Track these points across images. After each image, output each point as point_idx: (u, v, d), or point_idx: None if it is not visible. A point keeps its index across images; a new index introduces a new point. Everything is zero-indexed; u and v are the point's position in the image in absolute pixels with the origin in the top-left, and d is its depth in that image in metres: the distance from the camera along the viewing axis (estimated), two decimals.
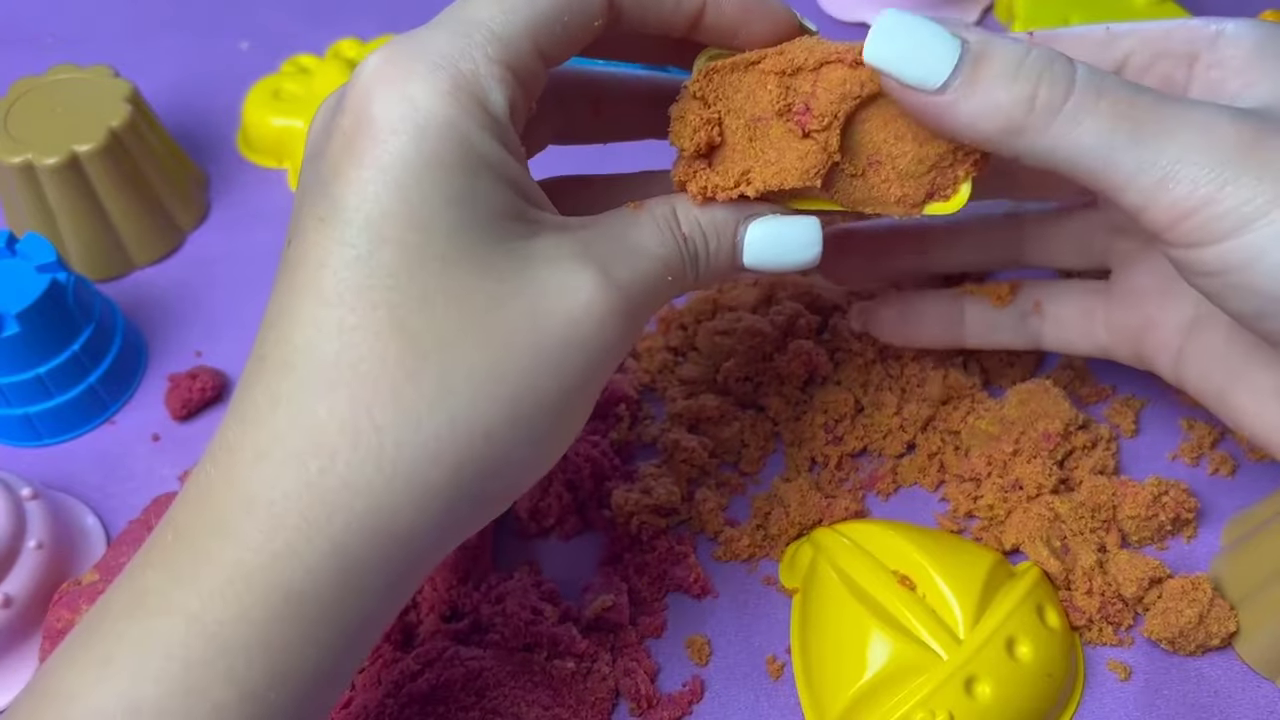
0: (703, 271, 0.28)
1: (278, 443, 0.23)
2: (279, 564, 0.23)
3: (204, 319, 0.47)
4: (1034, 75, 0.25)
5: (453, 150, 0.23)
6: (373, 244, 0.23)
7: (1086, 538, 0.36)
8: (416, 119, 0.23)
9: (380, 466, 0.23)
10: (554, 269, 0.25)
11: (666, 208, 0.28)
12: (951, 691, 0.31)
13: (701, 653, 0.36)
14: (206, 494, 0.24)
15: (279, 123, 0.52)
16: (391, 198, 0.23)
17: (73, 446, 0.43)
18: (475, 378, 0.24)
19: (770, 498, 0.39)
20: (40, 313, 0.39)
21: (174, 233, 0.49)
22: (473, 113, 0.24)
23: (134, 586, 0.23)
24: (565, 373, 0.25)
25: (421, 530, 0.24)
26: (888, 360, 0.41)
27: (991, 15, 0.58)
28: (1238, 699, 0.34)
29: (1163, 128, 0.24)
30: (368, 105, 0.24)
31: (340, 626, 0.24)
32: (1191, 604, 0.34)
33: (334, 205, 0.24)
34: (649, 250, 0.27)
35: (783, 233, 0.28)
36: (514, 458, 0.25)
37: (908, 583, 0.34)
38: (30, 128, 0.45)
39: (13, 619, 0.35)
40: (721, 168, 0.28)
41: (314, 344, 0.23)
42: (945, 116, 0.25)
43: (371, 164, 0.23)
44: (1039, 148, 0.25)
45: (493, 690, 0.33)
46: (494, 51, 0.24)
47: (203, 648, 0.22)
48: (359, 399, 0.23)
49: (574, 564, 0.38)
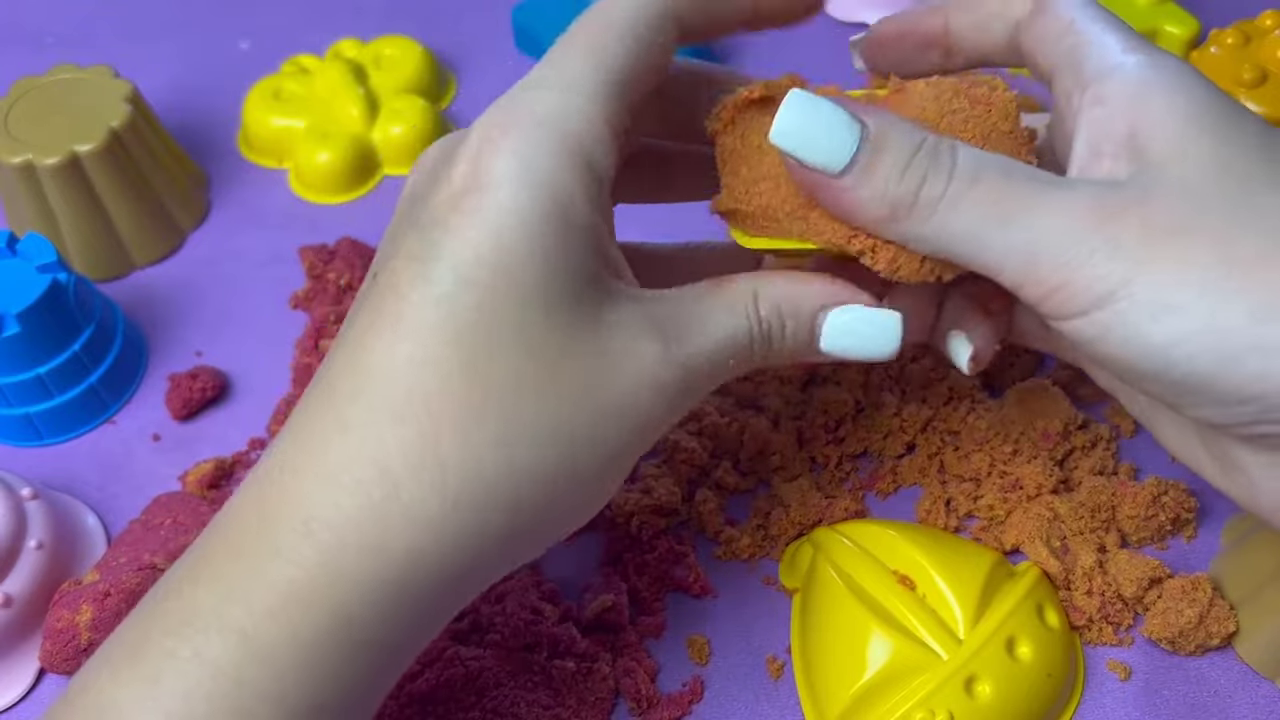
0: (775, 351, 0.28)
1: (343, 468, 0.23)
2: (333, 588, 0.23)
3: (204, 319, 0.47)
4: (921, 169, 0.25)
5: (554, 209, 0.24)
6: (458, 284, 0.24)
7: (1086, 538, 0.36)
8: (526, 176, 0.24)
9: (443, 500, 0.23)
10: (623, 336, 0.25)
11: (748, 288, 0.28)
12: (951, 691, 0.31)
13: (701, 653, 0.36)
14: (261, 513, 0.24)
15: (279, 123, 0.52)
16: (485, 244, 0.24)
17: (73, 446, 0.43)
18: (537, 426, 0.24)
19: (770, 498, 0.39)
20: (41, 313, 0.39)
21: (174, 233, 0.49)
22: (579, 174, 0.25)
23: (183, 603, 0.24)
24: (619, 434, 0.25)
25: (472, 565, 0.25)
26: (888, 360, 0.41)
27: None
28: (1238, 699, 0.34)
29: (1027, 210, 0.25)
30: (480, 159, 0.24)
31: (385, 651, 0.24)
32: (1191, 604, 0.34)
33: (428, 245, 0.24)
34: (721, 331, 0.27)
35: (866, 322, 0.28)
36: (563, 505, 0.26)
37: (908, 583, 0.34)
38: (31, 128, 0.45)
39: (13, 619, 0.35)
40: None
41: (386, 374, 0.24)
42: (839, 200, 0.26)
43: (473, 211, 0.24)
44: (918, 235, 0.26)
45: (493, 690, 0.33)
46: (596, 111, 0.25)
47: (254, 668, 0.22)
48: (427, 433, 0.23)
49: (574, 564, 0.38)
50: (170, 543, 0.36)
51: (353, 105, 0.51)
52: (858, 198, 0.26)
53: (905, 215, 0.26)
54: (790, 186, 0.27)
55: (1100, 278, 0.24)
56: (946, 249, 0.26)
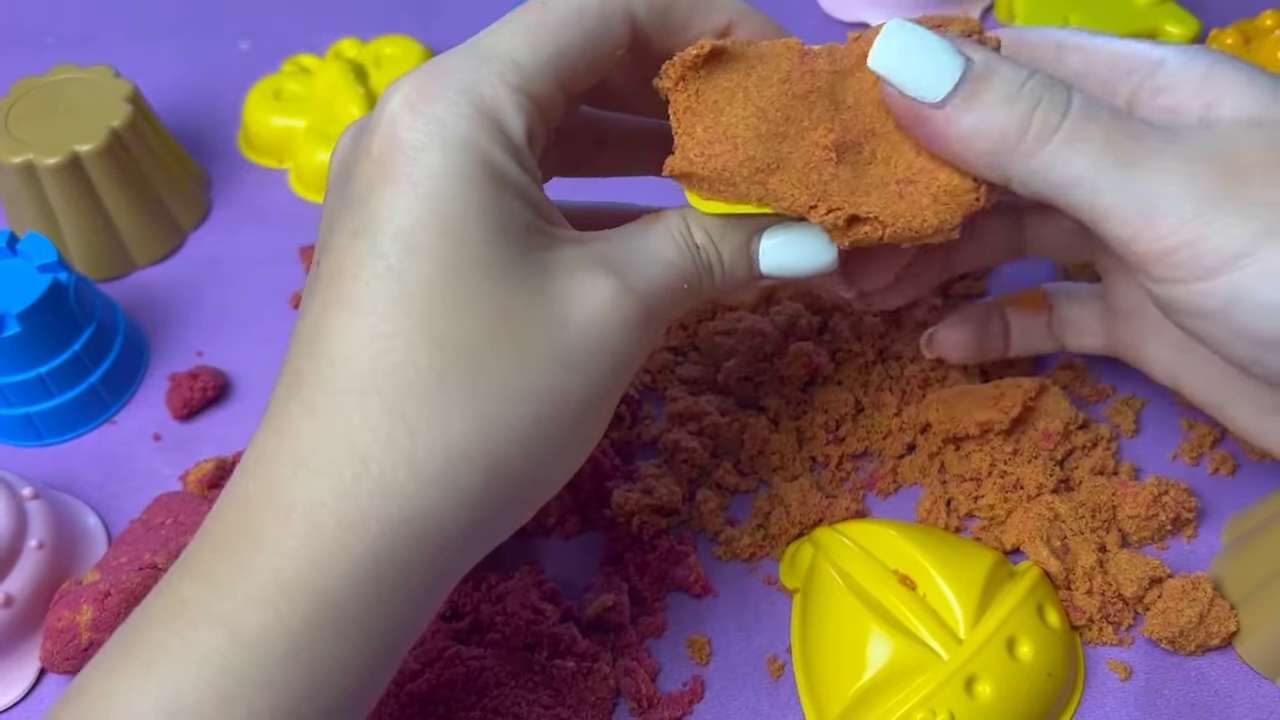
0: (720, 280, 0.29)
1: (313, 452, 0.24)
2: (316, 573, 0.23)
3: (205, 319, 0.47)
4: (1033, 99, 0.25)
5: (478, 167, 0.24)
6: (404, 253, 0.24)
7: (1086, 537, 0.36)
8: (444, 137, 0.24)
9: (413, 470, 0.23)
10: (576, 277, 0.25)
11: (679, 218, 0.28)
12: (952, 691, 0.31)
13: (702, 653, 0.36)
14: (243, 506, 0.24)
15: (280, 122, 0.52)
16: (423, 209, 0.24)
17: (74, 446, 0.43)
18: (503, 380, 0.24)
19: (770, 498, 0.39)
20: (41, 313, 0.39)
21: (175, 232, 0.49)
22: (493, 135, 0.25)
23: (173, 598, 0.24)
24: (589, 376, 0.25)
25: (456, 534, 0.24)
26: (888, 361, 0.41)
27: (991, 15, 0.58)
28: (1238, 699, 0.34)
29: (1151, 155, 0.24)
30: (395, 128, 0.25)
31: (375, 636, 0.24)
32: (1191, 604, 0.34)
33: (367, 219, 0.24)
34: (664, 258, 0.27)
35: (796, 239, 0.29)
36: (543, 460, 0.26)
37: (908, 582, 0.34)
38: (31, 128, 0.45)
39: (13, 619, 0.35)
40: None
41: (347, 353, 0.24)
42: (940, 131, 0.25)
43: (403, 179, 0.24)
44: (1027, 171, 0.25)
45: (493, 690, 0.33)
46: (513, 79, 0.25)
47: (240, 656, 0.23)
48: (392, 405, 0.23)
49: (575, 564, 0.38)
50: (171, 542, 0.36)
51: (353, 105, 0.51)
52: (962, 128, 0.25)
53: (1013, 147, 0.25)
54: (749, 149, 0.27)
55: (1232, 238, 0.23)
56: (1056, 189, 0.25)
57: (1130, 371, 0.37)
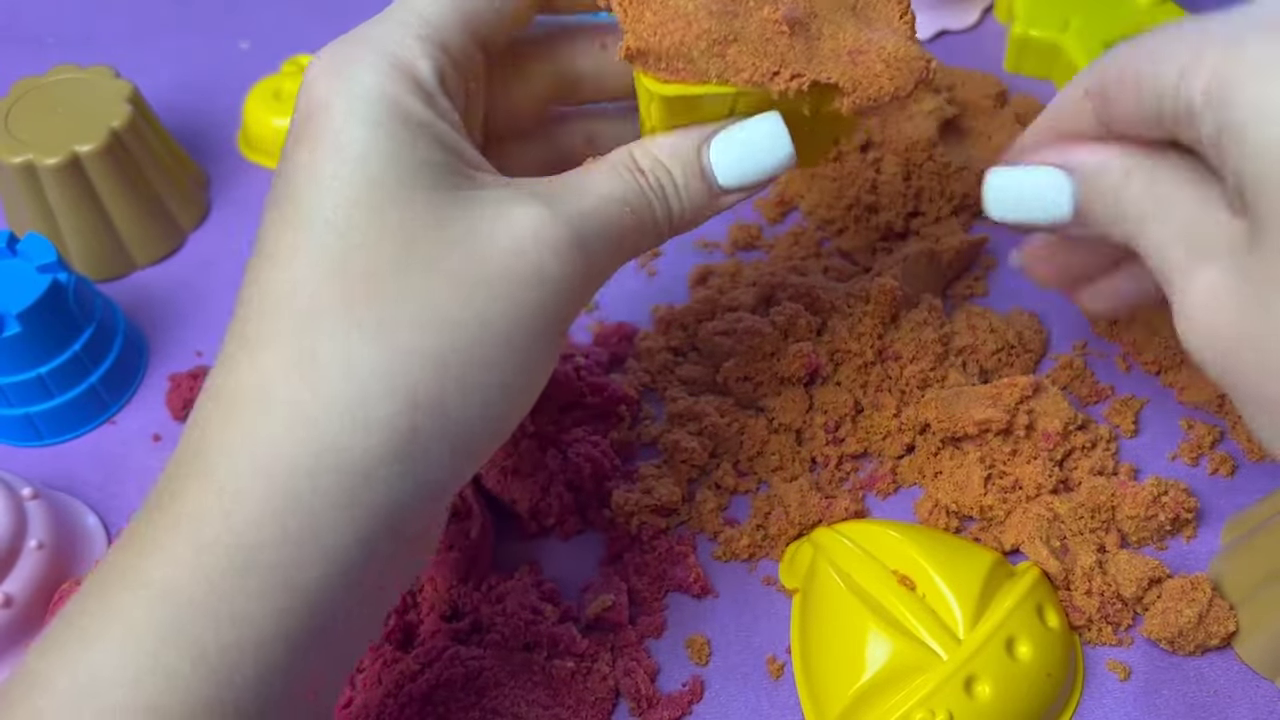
0: (678, 207, 0.29)
1: (232, 404, 0.24)
2: (231, 520, 0.23)
3: (205, 319, 0.47)
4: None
5: (388, 113, 0.25)
6: (314, 201, 0.25)
7: (1086, 538, 0.36)
8: (352, 89, 0.25)
9: (318, 396, 0.24)
10: (499, 208, 0.26)
11: (622, 151, 0.29)
12: (951, 691, 0.32)
13: (701, 653, 0.36)
14: (173, 471, 0.25)
15: (280, 123, 0.52)
16: (335, 158, 0.25)
17: (73, 446, 0.43)
18: (417, 308, 0.24)
19: (770, 498, 0.39)
20: (41, 313, 0.39)
21: (175, 233, 0.49)
22: (403, 83, 0.26)
23: (106, 566, 0.24)
24: (514, 302, 0.25)
25: (370, 463, 0.24)
26: (887, 361, 0.41)
27: (991, 15, 0.58)
28: (1237, 699, 0.34)
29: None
30: (313, 91, 0.26)
31: (301, 584, 0.23)
32: (1191, 604, 0.34)
33: (286, 180, 0.25)
34: (598, 189, 0.28)
35: (746, 139, 0.28)
36: (471, 390, 0.25)
37: (908, 583, 0.34)
38: (31, 128, 0.45)
39: (13, 619, 0.35)
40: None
41: (264, 308, 0.25)
42: (1070, 231, 0.30)
43: (317, 134, 0.25)
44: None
45: (493, 690, 0.33)
46: (423, 31, 0.27)
47: (163, 615, 0.23)
48: (304, 345, 0.24)
49: (574, 564, 0.38)
50: None
51: None
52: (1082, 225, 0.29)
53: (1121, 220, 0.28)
54: (703, 24, 0.27)
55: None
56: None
57: (1130, 372, 0.37)
